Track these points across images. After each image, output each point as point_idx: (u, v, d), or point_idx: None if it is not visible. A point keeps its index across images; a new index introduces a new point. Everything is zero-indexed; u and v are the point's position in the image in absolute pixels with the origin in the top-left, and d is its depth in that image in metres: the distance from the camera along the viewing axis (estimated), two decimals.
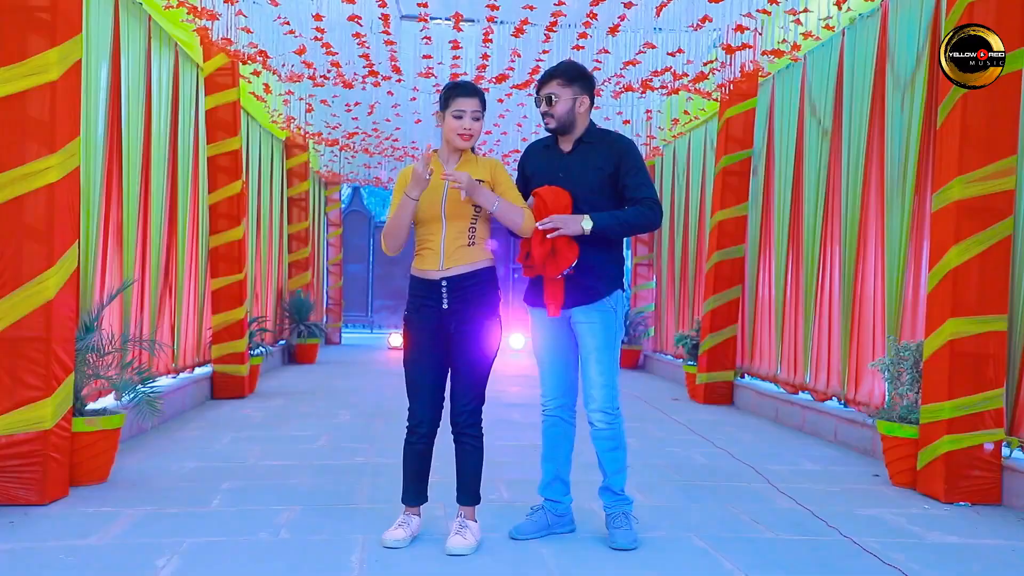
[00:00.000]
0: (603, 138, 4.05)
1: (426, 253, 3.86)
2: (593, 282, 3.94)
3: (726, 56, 7.91)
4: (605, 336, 3.94)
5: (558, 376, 4.06)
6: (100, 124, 5.99)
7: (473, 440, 3.90)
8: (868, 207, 6.66)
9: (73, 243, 4.59)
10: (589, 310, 3.94)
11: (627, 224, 3.92)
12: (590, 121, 4.07)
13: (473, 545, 3.79)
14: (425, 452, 3.93)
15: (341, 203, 17.28)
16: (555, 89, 3.96)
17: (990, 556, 3.96)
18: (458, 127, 3.84)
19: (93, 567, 3.49)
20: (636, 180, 3.94)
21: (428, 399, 3.88)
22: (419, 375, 3.88)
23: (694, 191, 11.02)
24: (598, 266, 3.95)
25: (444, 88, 3.95)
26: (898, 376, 5.45)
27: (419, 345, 3.87)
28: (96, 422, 4.84)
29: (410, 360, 3.89)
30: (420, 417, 3.89)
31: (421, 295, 3.87)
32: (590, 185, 3.94)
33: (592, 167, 3.97)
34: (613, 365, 3.98)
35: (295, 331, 12.64)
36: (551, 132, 4.06)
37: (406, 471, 3.96)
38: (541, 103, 4.00)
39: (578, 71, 4.03)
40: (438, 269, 3.83)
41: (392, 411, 7.84)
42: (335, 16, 7.44)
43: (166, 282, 7.57)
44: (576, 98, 3.97)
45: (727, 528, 4.26)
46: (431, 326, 3.85)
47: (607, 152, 3.98)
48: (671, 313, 12.08)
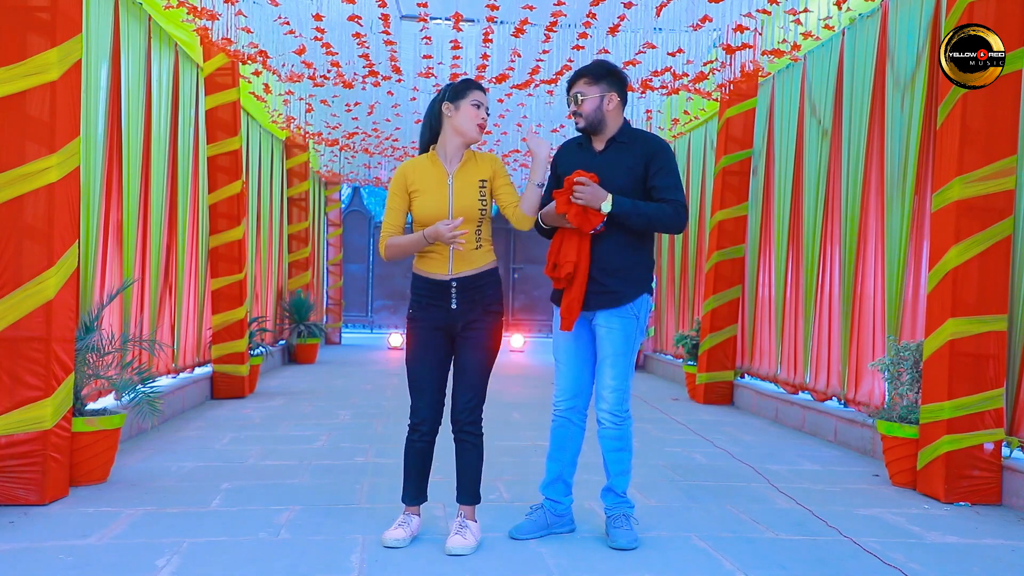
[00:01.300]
0: (636, 137, 4.00)
1: (433, 257, 3.84)
2: (619, 286, 3.89)
3: (726, 56, 7.92)
4: (624, 343, 3.91)
5: (573, 378, 4.04)
6: (100, 124, 5.99)
7: (473, 439, 3.90)
8: (868, 207, 6.66)
9: (73, 243, 4.59)
10: (612, 315, 3.90)
11: (646, 216, 3.82)
12: (624, 120, 4.02)
13: (473, 545, 3.78)
14: (426, 451, 3.93)
15: (341, 203, 17.28)
16: (582, 88, 3.93)
17: (990, 556, 3.96)
18: (477, 116, 3.84)
19: (93, 567, 3.49)
20: (665, 181, 3.88)
21: (431, 398, 3.88)
22: (424, 374, 3.86)
23: (694, 191, 11.02)
24: (625, 269, 3.90)
25: (455, 83, 3.91)
26: (898, 376, 5.45)
27: (425, 344, 3.86)
28: (96, 422, 4.84)
29: (415, 359, 3.87)
30: (423, 415, 3.88)
31: (427, 295, 3.86)
32: (621, 185, 3.86)
33: (624, 167, 3.91)
34: (628, 370, 3.96)
35: (295, 331, 12.64)
36: (581, 131, 4.02)
37: (407, 470, 3.96)
38: (570, 103, 3.97)
39: (606, 69, 3.98)
40: (447, 274, 3.83)
41: (392, 411, 7.85)
42: (335, 16, 7.45)
43: (166, 282, 7.57)
44: (604, 95, 3.92)
45: (727, 528, 4.26)
46: (438, 325, 3.85)
47: (639, 152, 3.93)
48: (671, 313, 12.09)
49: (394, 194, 3.88)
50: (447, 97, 3.86)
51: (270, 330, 11.12)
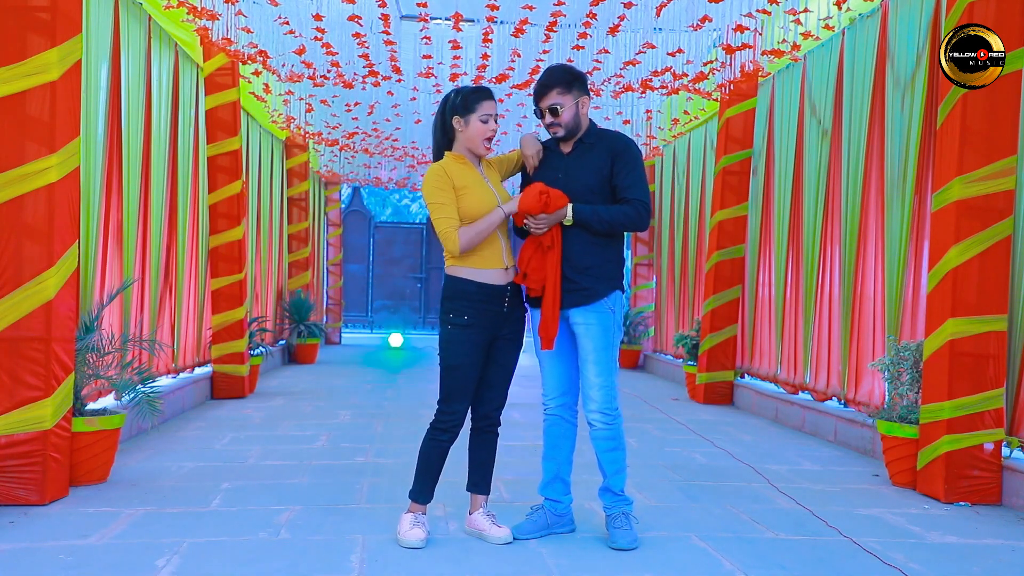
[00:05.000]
0: (603, 137, 4.04)
1: (487, 252, 3.84)
2: (591, 283, 3.93)
3: (726, 56, 7.92)
4: (603, 337, 3.94)
5: (559, 375, 4.07)
6: (100, 124, 5.99)
7: (497, 432, 4.06)
8: (868, 207, 6.66)
9: (73, 243, 4.59)
10: (587, 311, 3.93)
11: (606, 222, 3.89)
12: (590, 121, 4.06)
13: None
14: (448, 451, 3.97)
15: (341, 203, 17.28)
16: (556, 99, 3.93)
17: (990, 556, 3.96)
18: (485, 131, 3.85)
19: (93, 567, 3.49)
20: (628, 180, 3.93)
21: (469, 400, 3.93)
22: (472, 378, 3.88)
23: (694, 191, 11.02)
24: (596, 266, 3.94)
25: (462, 92, 3.88)
26: (898, 376, 5.45)
27: (478, 349, 3.85)
28: (96, 422, 4.84)
29: (468, 365, 3.84)
30: (460, 418, 3.91)
31: (482, 299, 3.83)
32: (588, 185, 3.93)
33: (590, 168, 3.96)
34: (611, 366, 3.97)
35: (295, 331, 12.64)
36: (561, 139, 4.03)
37: (429, 470, 3.93)
38: (545, 115, 3.96)
39: (572, 74, 4.00)
40: (504, 268, 3.88)
41: (392, 411, 7.86)
42: (335, 16, 7.45)
43: (166, 282, 7.57)
44: (578, 101, 3.96)
45: (727, 528, 4.26)
46: (490, 329, 3.87)
47: (606, 151, 3.97)
48: (671, 313, 12.08)
49: (442, 189, 3.79)
50: (458, 111, 3.86)
51: (270, 330, 11.12)
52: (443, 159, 3.91)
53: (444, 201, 3.77)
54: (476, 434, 4.03)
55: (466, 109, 3.84)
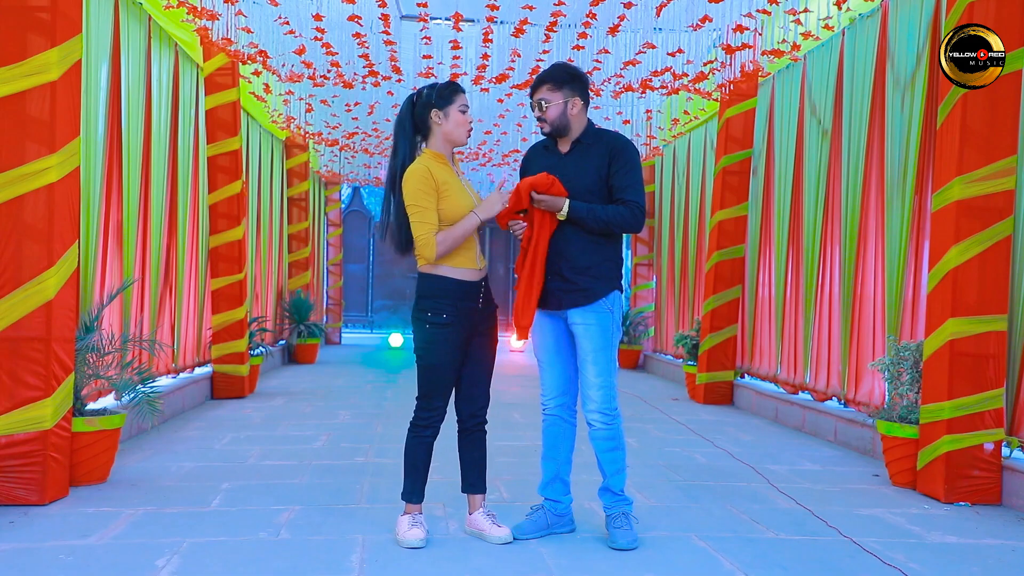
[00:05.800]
0: (600, 138, 4.03)
1: (463, 253, 3.87)
2: (590, 283, 3.93)
3: (726, 56, 7.92)
4: (602, 337, 3.93)
5: (557, 375, 4.07)
6: (100, 124, 5.99)
7: (484, 430, 4.05)
8: (868, 207, 6.66)
9: (73, 243, 4.59)
10: (585, 311, 3.93)
11: (600, 221, 3.89)
12: (588, 121, 4.06)
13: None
14: (432, 447, 3.98)
15: (341, 203, 17.28)
16: (545, 95, 3.95)
17: (990, 556, 3.96)
18: (466, 122, 3.91)
19: (93, 567, 3.49)
20: (624, 181, 3.93)
21: (449, 395, 3.96)
22: (452, 375, 3.92)
23: (694, 191, 11.02)
24: (594, 266, 3.94)
25: (435, 87, 3.91)
26: (898, 376, 5.45)
27: (458, 346, 3.88)
28: (96, 422, 4.84)
29: (448, 363, 3.88)
30: (442, 412, 3.94)
31: (460, 297, 3.87)
32: (587, 186, 3.93)
33: (588, 168, 3.96)
34: (610, 366, 3.97)
35: (295, 331, 12.64)
36: (546, 136, 4.06)
37: (418, 468, 3.94)
38: (534, 108, 4.00)
39: (568, 73, 4.00)
40: (478, 268, 3.92)
41: (392, 411, 7.85)
42: (335, 16, 7.45)
43: (166, 282, 7.58)
44: (567, 100, 3.95)
45: (727, 528, 4.26)
46: (467, 327, 3.89)
47: (603, 152, 3.97)
48: (671, 313, 12.09)
49: (427, 193, 3.79)
50: (436, 104, 3.87)
51: (270, 330, 11.12)
52: (423, 158, 3.88)
53: (427, 206, 3.79)
54: (465, 435, 4.03)
55: (444, 101, 3.86)
